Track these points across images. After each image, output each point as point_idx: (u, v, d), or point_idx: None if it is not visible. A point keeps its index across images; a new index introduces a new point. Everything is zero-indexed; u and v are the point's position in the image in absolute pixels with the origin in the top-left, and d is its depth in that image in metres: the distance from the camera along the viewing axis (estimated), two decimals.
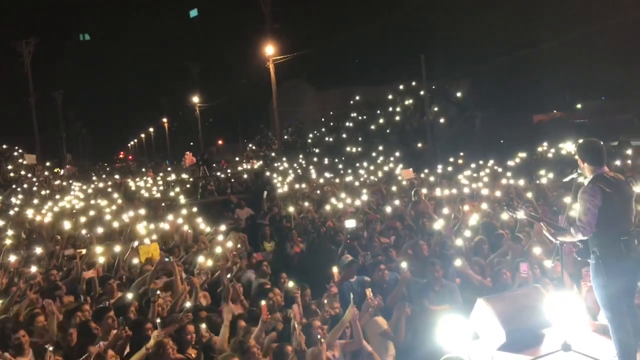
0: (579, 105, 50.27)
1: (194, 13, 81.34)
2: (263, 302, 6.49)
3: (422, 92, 31.15)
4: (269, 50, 33.89)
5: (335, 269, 7.55)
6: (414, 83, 33.07)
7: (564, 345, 5.36)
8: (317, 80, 53.56)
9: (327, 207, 14.04)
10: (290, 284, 7.61)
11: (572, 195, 5.13)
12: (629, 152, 19.06)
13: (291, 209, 13.57)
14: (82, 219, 14.43)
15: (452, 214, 11.28)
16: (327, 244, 10.79)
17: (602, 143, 5.14)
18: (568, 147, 23.89)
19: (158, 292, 7.06)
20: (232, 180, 25.30)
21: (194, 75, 63.64)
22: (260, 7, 35.33)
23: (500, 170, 18.97)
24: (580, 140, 5.31)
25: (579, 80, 44.37)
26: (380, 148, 30.74)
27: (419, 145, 30.65)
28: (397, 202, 13.09)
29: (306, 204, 15.08)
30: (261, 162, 35.73)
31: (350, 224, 10.29)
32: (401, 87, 34.29)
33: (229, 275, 8.04)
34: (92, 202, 19.72)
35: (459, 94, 32.46)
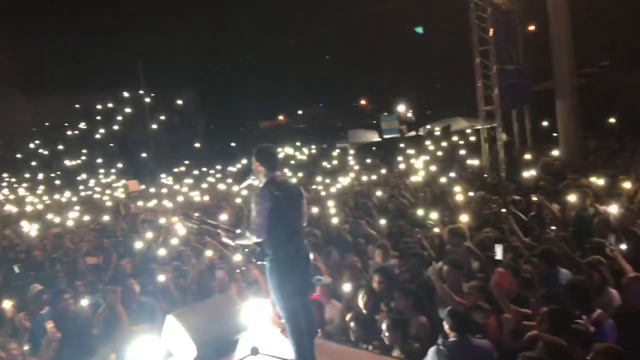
0: (300, 112, 54.19)
1: None
2: None
3: (147, 100, 30.27)
4: None
5: (7, 304, 6.56)
6: (141, 92, 31.90)
7: (252, 349, 5.42)
8: (28, 87, 47.72)
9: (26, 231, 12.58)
10: None
11: (249, 199, 5.19)
12: (335, 153, 21.13)
13: None
14: None
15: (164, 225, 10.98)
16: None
17: (276, 148, 5.31)
18: (287, 150, 25.62)
19: None
20: None
21: None
22: None
23: (220, 177, 19.28)
24: (258, 146, 5.38)
25: (301, 87, 47.55)
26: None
27: (143, 155, 29.60)
28: (106, 217, 12.29)
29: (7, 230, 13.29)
30: None
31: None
32: (123, 95, 32.76)
33: None
34: None
35: (180, 102, 32.25)
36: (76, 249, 10.36)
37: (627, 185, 8.91)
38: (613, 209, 7.43)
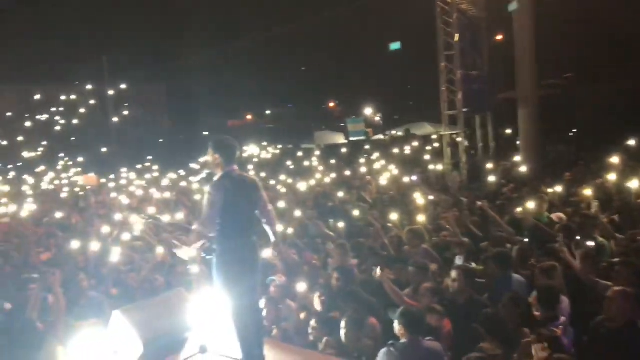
0: (268, 112, 54.08)
1: None
2: None
3: (110, 93, 29.81)
4: None
5: None
6: (105, 85, 31.38)
7: (201, 348, 5.30)
8: None
9: None
10: None
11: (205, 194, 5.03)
12: (300, 154, 21.14)
13: None
14: None
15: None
16: None
17: (235, 142, 5.15)
18: (251, 149, 25.54)
19: None
20: None
21: None
22: None
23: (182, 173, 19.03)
24: (215, 138, 5.16)
25: (271, 87, 47.39)
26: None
27: (104, 149, 29.05)
28: (59, 213, 11.97)
29: None
30: None
31: None
32: (85, 87, 32.20)
33: None
34: None
35: (146, 97, 31.88)
36: (23, 242, 10.02)
37: (587, 192, 9.07)
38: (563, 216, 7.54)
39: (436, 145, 20.01)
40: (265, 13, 39.33)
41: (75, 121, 31.44)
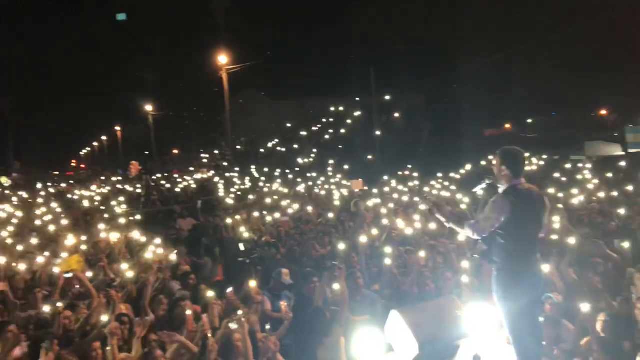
0: (529, 120, 51.56)
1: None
2: (189, 312, 6.49)
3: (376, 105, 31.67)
4: (222, 59, 33.62)
5: (252, 283, 7.33)
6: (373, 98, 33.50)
7: (474, 357, 5.27)
8: (270, 90, 53.19)
9: (269, 219, 13.91)
10: (210, 294, 7.40)
11: (482, 203, 5.02)
12: (568, 165, 19.59)
13: (229, 220, 13.35)
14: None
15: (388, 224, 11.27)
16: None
17: (523, 154, 5.00)
18: None
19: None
20: (177, 189, 24.91)
21: (147, 83, 62.36)
22: (213, 15, 35.22)
23: (446, 183, 19.19)
24: (504, 148, 5.02)
25: (532, 95, 45.39)
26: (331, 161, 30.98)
27: (369, 157, 30.88)
28: (330, 214, 13.04)
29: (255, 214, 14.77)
30: (212, 172, 35.43)
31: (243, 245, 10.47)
32: (354, 100, 34.73)
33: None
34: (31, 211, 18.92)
35: (406, 107, 32.99)
36: (303, 238, 11.18)
37: None
38: None
39: None
40: (524, 18, 37.78)
41: (343, 130, 34.09)
